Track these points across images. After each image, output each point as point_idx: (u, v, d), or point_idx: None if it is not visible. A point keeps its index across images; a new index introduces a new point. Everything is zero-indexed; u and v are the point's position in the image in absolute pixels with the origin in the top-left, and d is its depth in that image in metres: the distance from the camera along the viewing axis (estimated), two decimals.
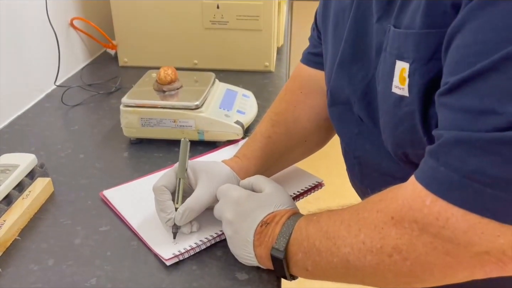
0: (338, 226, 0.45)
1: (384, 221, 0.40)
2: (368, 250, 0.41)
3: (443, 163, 0.36)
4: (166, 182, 0.60)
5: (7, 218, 0.62)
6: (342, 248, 0.43)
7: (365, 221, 0.42)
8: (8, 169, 0.68)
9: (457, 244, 0.36)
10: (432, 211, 0.36)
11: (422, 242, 0.37)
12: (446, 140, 0.36)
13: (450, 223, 0.36)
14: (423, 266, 0.38)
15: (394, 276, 0.41)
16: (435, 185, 0.36)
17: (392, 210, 0.40)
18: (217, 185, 0.60)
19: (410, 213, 0.38)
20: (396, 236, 0.39)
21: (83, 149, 0.84)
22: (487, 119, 0.33)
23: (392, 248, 0.39)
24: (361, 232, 0.42)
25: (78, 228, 0.63)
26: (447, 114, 0.37)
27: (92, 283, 0.54)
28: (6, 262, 0.58)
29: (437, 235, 0.36)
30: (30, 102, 1.03)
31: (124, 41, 1.21)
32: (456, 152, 0.35)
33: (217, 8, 1.14)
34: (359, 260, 0.42)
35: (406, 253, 0.39)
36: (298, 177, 0.73)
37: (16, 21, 0.97)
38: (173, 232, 0.59)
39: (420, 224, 0.37)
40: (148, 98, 0.84)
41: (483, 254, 0.36)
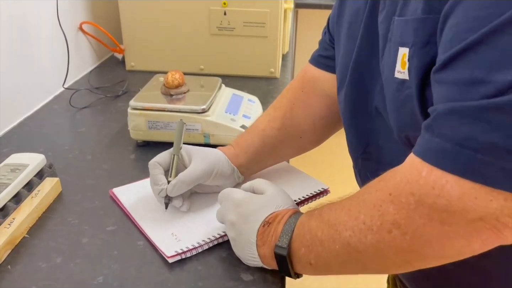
0: (339, 213, 0.46)
1: (383, 199, 0.41)
2: (368, 229, 0.42)
3: (438, 134, 0.37)
4: (160, 159, 0.66)
5: (16, 216, 0.63)
6: (343, 232, 0.44)
7: (364, 202, 0.43)
8: (17, 168, 0.70)
9: (452, 212, 0.37)
10: (428, 180, 0.37)
11: (419, 214, 0.38)
12: (440, 112, 0.37)
13: (445, 191, 0.37)
14: (421, 239, 0.39)
15: (395, 254, 0.41)
16: (430, 155, 0.38)
17: (390, 187, 0.41)
18: (209, 163, 0.65)
19: (407, 186, 0.39)
20: (394, 212, 0.40)
21: (90, 150, 0.85)
22: (476, 88, 0.35)
23: (391, 224, 0.40)
24: (361, 213, 0.43)
25: (86, 227, 0.64)
26: (441, 89, 0.38)
27: (99, 281, 0.55)
28: (15, 259, 0.59)
29: (433, 206, 0.37)
30: (39, 104, 1.04)
31: (131, 45, 1.23)
32: (449, 122, 0.36)
33: (224, 14, 1.15)
34: (360, 241, 0.42)
35: (404, 227, 0.39)
36: (304, 182, 0.74)
37: (27, 25, 0.99)
38: (165, 202, 0.63)
39: (416, 196, 0.38)
40: (156, 101, 0.85)
41: (478, 221, 0.36)
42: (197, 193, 0.70)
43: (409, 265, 0.43)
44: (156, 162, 0.65)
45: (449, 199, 0.36)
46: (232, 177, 0.69)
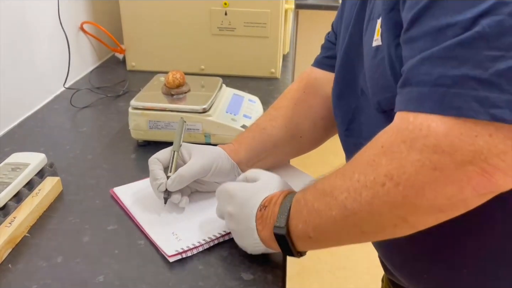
0: (333, 179, 0.46)
1: (375, 153, 0.41)
2: (363, 187, 0.42)
3: (415, 84, 0.39)
4: (159, 156, 0.66)
5: (17, 215, 0.63)
6: (339, 196, 0.44)
7: (357, 162, 0.44)
8: (18, 168, 0.70)
9: (441, 152, 0.37)
10: (415, 124, 0.39)
11: (410, 162, 0.39)
12: (413, 65, 0.39)
13: (431, 130, 0.38)
14: (414, 188, 0.39)
15: (389, 210, 0.41)
16: (411, 104, 0.39)
17: (381, 141, 0.42)
18: (209, 158, 0.65)
19: (398, 136, 0.40)
20: (387, 163, 0.40)
21: (91, 150, 0.86)
22: (444, 33, 0.37)
23: (384, 176, 0.40)
24: (355, 173, 0.43)
25: (86, 226, 0.64)
26: (412, 45, 0.40)
27: (100, 280, 0.55)
28: (15, 258, 0.59)
29: (423, 149, 0.38)
30: (40, 103, 1.04)
31: (132, 45, 1.23)
32: (423, 69, 0.38)
33: (225, 15, 1.16)
34: (356, 200, 0.43)
35: (397, 178, 0.40)
36: (304, 182, 0.74)
37: (28, 24, 0.99)
38: (164, 197, 0.64)
39: (407, 143, 0.39)
40: (157, 101, 0.85)
41: (467, 165, 0.37)
42: (197, 192, 0.70)
43: (404, 223, 0.42)
44: (156, 158, 0.66)
45: (437, 138, 0.37)
46: (232, 174, 0.69)
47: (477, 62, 0.35)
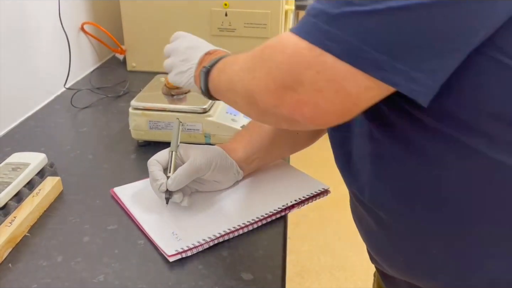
0: (241, 56, 0.53)
1: (260, 48, 0.49)
2: (242, 69, 0.51)
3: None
4: (158, 157, 0.67)
5: (17, 215, 0.63)
6: (234, 66, 0.54)
7: (249, 54, 0.51)
8: (19, 167, 0.70)
9: (283, 70, 0.44)
10: (280, 39, 0.46)
11: (266, 64, 0.46)
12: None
13: (287, 49, 0.44)
14: (260, 87, 0.47)
15: (244, 95, 0.50)
16: (293, 27, 0.45)
17: (264, 45, 0.49)
18: (208, 156, 0.66)
19: (269, 42, 0.47)
20: (257, 58, 0.49)
21: (91, 150, 0.86)
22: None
23: (251, 66, 0.50)
24: (244, 61, 0.52)
25: (87, 226, 0.65)
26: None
27: (100, 279, 0.55)
28: (16, 257, 0.59)
29: (276, 61, 0.45)
30: (40, 104, 1.04)
31: (133, 46, 1.23)
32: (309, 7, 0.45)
33: (225, 15, 1.16)
34: (237, 76, 0.53)
35: (256, 72, 0.48)
36: (304, 182, 0.74)
37: (29, 25, 0.99)
38: (166, 197, 0.64)
39: (267, 48, 0.47)
40: (157, 101, 0.85)
41: (288, 89, 0.43)
42: (197, 192, 0.70)
43: (251, 99, 0.50)
44: (155, 160, 0.67)
45: (284, 45, 0.44)
46: (231, 172, 0.70)
47: (333, 2, 0.41)
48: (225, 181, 0.70)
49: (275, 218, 0.66)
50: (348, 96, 0.42)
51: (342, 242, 1.93)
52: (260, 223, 0.65)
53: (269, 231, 0.64)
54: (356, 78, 0.41)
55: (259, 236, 0.63)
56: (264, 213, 0.66)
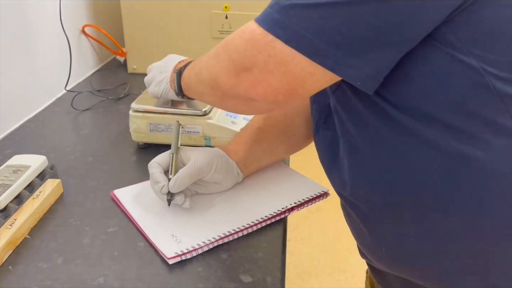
0: (208, 54, 0.59)
1: (223, 39, 0.55)
2: (209, 57, 0.57)
3: None
4: (159, 159, 0.68)
5: (17, 217, 0.63)
6: (203, 59, 0.59)
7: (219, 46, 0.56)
8: (19, 170, 0.70)
9: (240, 53, 0.50)
10: (243, 28, 0.52)
11: (228, 48, 0.53)
12: None
13: (245, 35, 0.50)
14: (223, 70, 0.53)
15: (210, 83, 0.57)
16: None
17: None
18: (209, 157, 0.67)
19: (235, 32, 0.53)
20: (221, 45, 0.55)
21: (92, 152, 0.86)
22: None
23: (216, 53, 0.56)
24: (214, 53, 0.56)
25: (87, 228, 0.65)
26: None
27: (100, 281, 0.55)
28: (16, 259, 0.59)
29: (236, 45, 0.51)
30: (41, 106, 1.05)
31: (133, 48, 1.24)
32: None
33: (226, 18, 1.16)
34: (205, 66, 0.58)
35: (220, 58, 0.54)
36: (304, 185, 0.75)
37: (30, 27, 1.00)
38: (168, 199, 0.64)
39: (233, 35, 0.53)
40: (157, 104, 0.85)
41: (244, 70, 0.49)
42: (197, 194, 0.70)
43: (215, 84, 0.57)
44: (156, 162, 0.67)
45: (244, 31, 0.51)
46: (232, 173, 0.70)
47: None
48: (226, 182, 0.70)
49: (274, 220, 0.67)
50: (294, 78, 0.47)
51: (342, 244, 1.93)
52: (260, 226, 0.65)
53: (269, 233, 0.65)
54: (300, 62, 0.46)
55: (259, 238, 0.63)
56: (263, 215, 0.66)
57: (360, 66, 0.45)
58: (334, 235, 1.99)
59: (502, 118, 0.46)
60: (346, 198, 0.59)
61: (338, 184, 0.59)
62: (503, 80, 0.45)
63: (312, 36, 0.44)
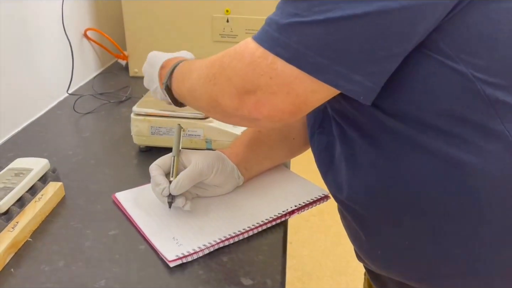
0: (199, 62, 0.58)
1: (219, 57, 0.53)
2: (202, 76, 0.55)
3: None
4: (160, 162, 0.68)
5: (19, 220, 0.63)
6: (193, 74, 0.58)
7: (211, 59, 0.55)
8: (21, 173, 0.70)
9: (242, 76, 0.49)
10: (238, 48, 0.51)
11: (226, 71, 0.51)
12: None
13: (245, 57, 0.49)
14: (222, 92, 0.51)
15: (208, 102, 0.55)
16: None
17: (225, 52, 0.53)
18: (210, 160, 0.68)
19: (231, 49, 0.52)
20: (217, 65, 0.53)
21: (93, 155, 0.86)
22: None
23: (212, 74, 0.53)
24: (204, 64, 0.55)
25: (88, 231, 0.65)
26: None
27: (101, 284, 0.56)
28: (18, 262, 0.59)
29: (235, 68, 0.49)
30: (43, 109, 1.05)
31: (135, 52, 1.24)
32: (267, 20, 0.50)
33: (227, 22, 1.17)
34: (197, 83, 0.57)
35: (217, 80, 0.52)
36: (304, 188, 0.75)
37: (32, 31, 1.01)
38: (168, 202, 0.64)
39: (231, 57, 0.51)
40: (159, 107, 0.86)
41: (248, 93, 0.48)
42: (198, 197, 0.71)
43: (214, 105, 0.56)
44: (156, 165, 0.67)
45: (242, 53, 0.49)
46: (232, 176, 0.70)
47: (285, 13, 0.46)
48: (226, 185, 0.71)
49: (275, 223, 0.67)
50: (298, 97, 0.47)
51: (343, 247, 1.92)
52: (260, 228, 0.65)
53: (269, 236, 0.65)
54: (303, 80, 0.45)
55: (259, 241, 0.64)
56: (264, 218, 0.66)
57: (362, 81, 0.45)
58: (335, 238, 1.98)
59: (492, 123, 0.46)
60: (342, 202, 0.59)
61: (334, 187, 0.59)
62: (493, 86, 0.45)
63: (314, 53, 0.44)
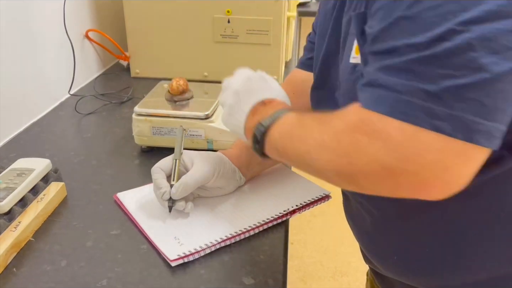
0: (310, 123, 0.51)
1: (342, 129, 0.45)
2: (326, 148, 0.47)
3: (376, 85, 0.42)
4: (162, 164, 0.67)
5: (22, 220, 0.64)
6: (308, 139, 0.49)
7: (329, 125, 0.47)
8: (24, 173, 0.71)
9: (393, 158, 0.41)
10: (377, 126, 0.42)
11: (365, 153, 0.43)
12: (374, 69, 0.43)
13: (390, 137, 0.41)
14: (364, 173, 0.43)
15: (338, 175, 0.47)
16: (371, 102, 0.43)
17: (346, 121, 0.46)
18: (211, 164, 0.67)
19: (359, 128, 0.43)
20: (348, 143, 0.44)
21: (95, 156, 0.87)
22: (403, 51, 0.41)
23: (343, 152, 0.45)
24: (324, 133, 0.48)
25: (90, 231, 0.65)
26: (373, 56, 0.44)
27: (103, 284, 0.56)
28: (20, 262, 0.59)
29: (379, 150, 0.41)
30: (45, 110, 1.06)
31: (136, 53, 1.25)
32: (382, 75, 0.42)
33: (228, 22, 1.17)
34: (317, 154, 0.48)
35: (350, 158, 0.44)
36: (306, 188, 0.75)
37: (34, 32, 1.01)
38: (169, 206, 0.64)
39: (367, 136, 0.43)
40: (160, 107, 0.86)
41: (412, 173, 0.40)
42: (200, 197, 0.71)
43: (347, 186, 0.51)
44: (158, 167, 0.67)
45: (393, 145, 0.41)
46: (234, 178, 0.70)
47: (429, 77, 0.39)
48: (228, 187, 0.71)
49: (276, 223, 0.67)
50: (471, 168, 0.40)
51: (345, 247, 1.92)
52: (262, 228, 0.65)
53: (271, 236, 0.65)
54: (473, 153, 0.39)
55: (261, 241, 0.64)
56: (265, 218, 0.66)
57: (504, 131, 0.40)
58: (337, 239, 1.98)
59: None
60: (361, 203, 0.58)
61: None
62: None
63: (482, 119, 0.38)
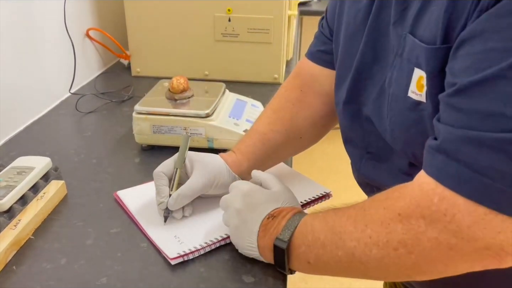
0: (345, 221, 0.47)
1: (391, 217, 0.42)
2: (374, 244, 0.43)
3: (454, 159, 0.39)
4: (165, 169, 0.66)
5: (22, 218, 0.64)
6: (348, 242, 0.45)
7: (371, 217, 0.44)
8: (24, 171, 0.71)
9: (460, 238, 0.38)
10: (440, 208, 0.39)
11: (428, 237, 0.40)
12: (455, 138, 0.39)
13: (456, 218, 0.38)
14: (426, 260, 0.40)
15: (397, 269, 0.43)
16: (446, 178, 0.39)
17: (398, 208, 0.42)
18: (210, 175, 0.65)
19: (417, 210, 0.40)
20: (402, 232, 0.41)
21: (95, 154, 0.86)
22: (495, 120, 0.36)
23: (398, 242, 0.41)
24: (367, 227, 0.44)
25: (90, 229, 0.65)
26: (454, 113, 0.40)
27: (103, 282, 0.56)
28: (20, 260, 0.59)
29: (442, 230, 0.39)
30: (45, 109, 1.06)
31: (137, 51, 1.24)
32: (467, 149, 0.38)
33: (229, 21, 1.17)
34: (365, 253, 0.44)
35: (411, 247, 0.40)
36: (306, 186, 0.75)
37: (35, 30, 1.01)
38: (164, 215, 0.64)
39: (427, 220, 0.40)
40: (160, 106, 0.86)
41: (484, 250, 0.38)
42: (200, 196, 0.70)
43: (409, 278, 0.45)
44: (161, 172, 0.66)
45: (460, 226, 0.38)
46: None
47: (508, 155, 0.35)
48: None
49: None
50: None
51: None
52: None
53: None
54: None
55: None
56: None
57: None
58: None
59: None
60: None
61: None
62: None
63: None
